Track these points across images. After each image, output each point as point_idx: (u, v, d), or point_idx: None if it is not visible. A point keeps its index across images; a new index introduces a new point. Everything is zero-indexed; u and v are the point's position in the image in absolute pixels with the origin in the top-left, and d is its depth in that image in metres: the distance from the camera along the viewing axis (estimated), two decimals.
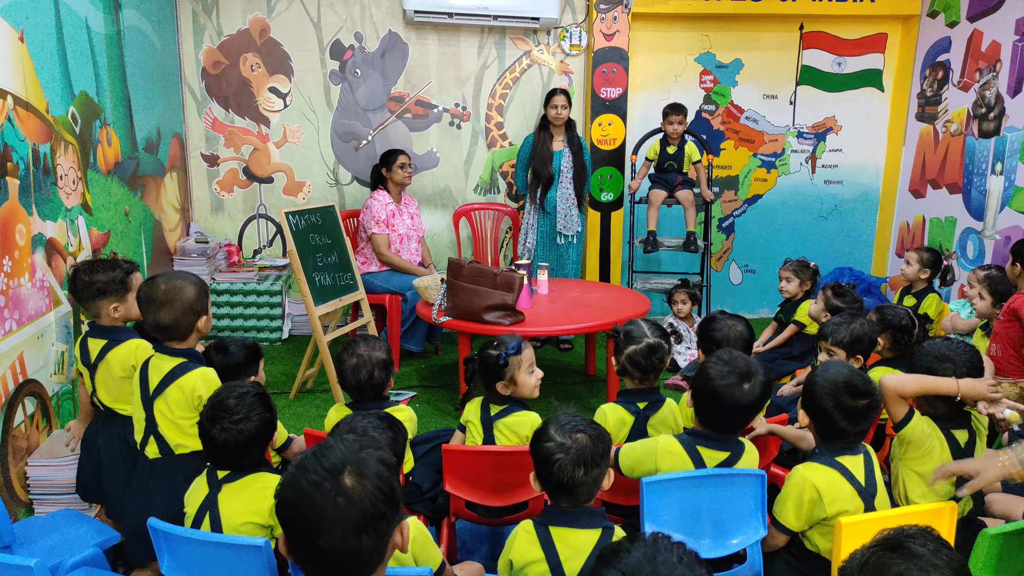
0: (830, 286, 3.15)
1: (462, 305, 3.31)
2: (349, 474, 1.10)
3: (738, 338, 2.45)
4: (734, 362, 1.88)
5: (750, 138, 5.29)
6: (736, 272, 5.50)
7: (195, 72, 4.75)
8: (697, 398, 1.91)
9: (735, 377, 1.84)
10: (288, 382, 3.97)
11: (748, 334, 2.50)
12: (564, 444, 1.57)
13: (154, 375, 2.06)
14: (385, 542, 1.13)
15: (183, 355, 2.08)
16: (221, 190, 4.92)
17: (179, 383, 2.03)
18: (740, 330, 2.47)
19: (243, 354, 2.36)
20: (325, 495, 1.08)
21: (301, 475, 1.11)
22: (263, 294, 4.59)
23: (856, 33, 5.16)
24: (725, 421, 1.87)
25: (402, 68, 4.91)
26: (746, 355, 1.93)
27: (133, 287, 2.37)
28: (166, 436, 2.04)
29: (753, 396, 1.84)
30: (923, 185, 5.01)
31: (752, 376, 1.85)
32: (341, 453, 1.13)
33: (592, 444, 1.58)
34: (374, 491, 1.10)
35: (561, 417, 1.64)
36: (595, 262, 5.10)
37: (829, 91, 5.24)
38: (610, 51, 4.84)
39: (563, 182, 4.50)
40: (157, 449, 2.06)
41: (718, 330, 2.48)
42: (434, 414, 3.62)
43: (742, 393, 1.83)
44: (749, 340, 2.50)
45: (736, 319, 2.51)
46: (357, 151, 4.99)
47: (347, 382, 2.21)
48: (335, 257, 3.78)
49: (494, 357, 2.19)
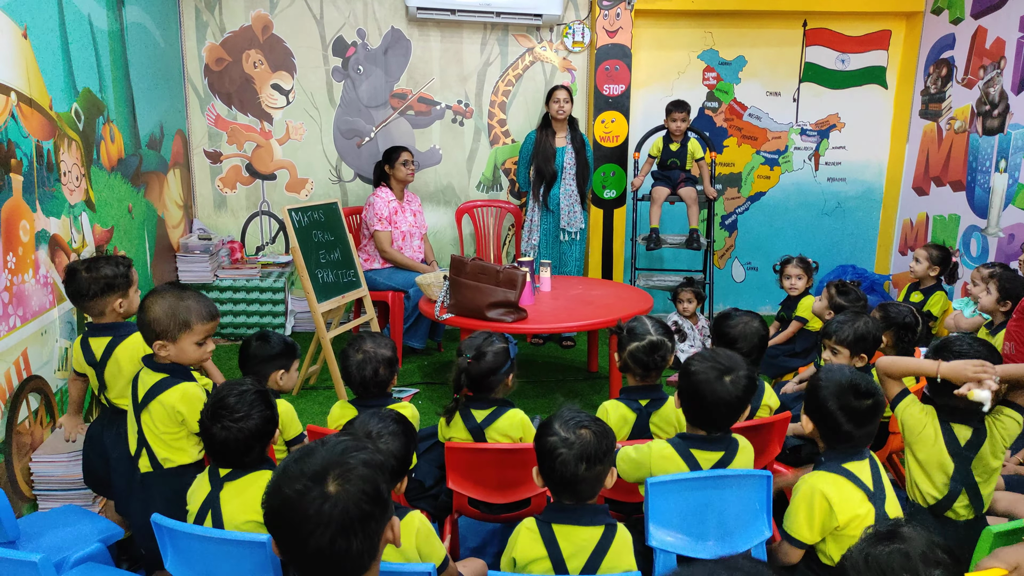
0: (834, 283, 3.14)
1: (465, 302, 3.31)
2: (333, 479, 1.09)
3: (754, 334, 2.44)
4: (715, 358, 1.87)
5: (753, 135, 5.28)
6: (739, 269, 5.50)
7: (198, 69, 4.75)
8: (683, 398, 1.90)
9: (717, 372, 1.83)
10: None
11: (764, 330, 2.50)
12: (568, 439, 1.57)
13: (140, 388, 2.07)
14: (376, 541, 1.13)
15: (167, 370, 2.06)
16: (224, 187, 4.92)
17: (160, 400, 2.03)
18: (756, 326, 2.46)
19: (281, 347, 2.36)
20: (310, 502, 1.07)
21: (284, 483, 1.10)
22: (266, 291, 4.59)
23: (860, 30, 5.14)
24: (713, 418, 1.86)
25: (405, 65, 4.91)
26: (730, 351, 1.92)
27: (134, 280, 2.43)
28: (155, 450, 2.05)
29: (738, 390, 1.82)
30: (927, 183, 5.00)
31: (734, 370, 1.84)
32: (323, 457, 1.12)
33: (596, 440, 1.58)
34: (359, 494, 1.09)
35: (566, 413, 1.64)
36: (598, 259, 5.10)
37: (832, 88, 5.22)
38: (613, 48, 4.83)
39: (566, 179, 4.50)
40: (148, 463, 2.06)
41: (734, 327, 2.47)
42: (435, 409, 3.62)
43: (724, 388, 1.81)
44: (765, 336, 2.49)
45: (751, 316, 2.50)
46: (360, 148, 4.99)
47: (351, 378, 2.21)
48: (338, 254, 3.78)
49: (500, 352, 2.18)
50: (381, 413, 1.79)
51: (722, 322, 2.53)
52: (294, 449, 2.21)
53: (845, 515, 1.71)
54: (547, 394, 3.89)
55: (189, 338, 2.04)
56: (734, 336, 2.45)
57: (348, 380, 2.23)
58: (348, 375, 2.21)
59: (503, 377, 2.21)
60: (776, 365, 3.67)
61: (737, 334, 2.44)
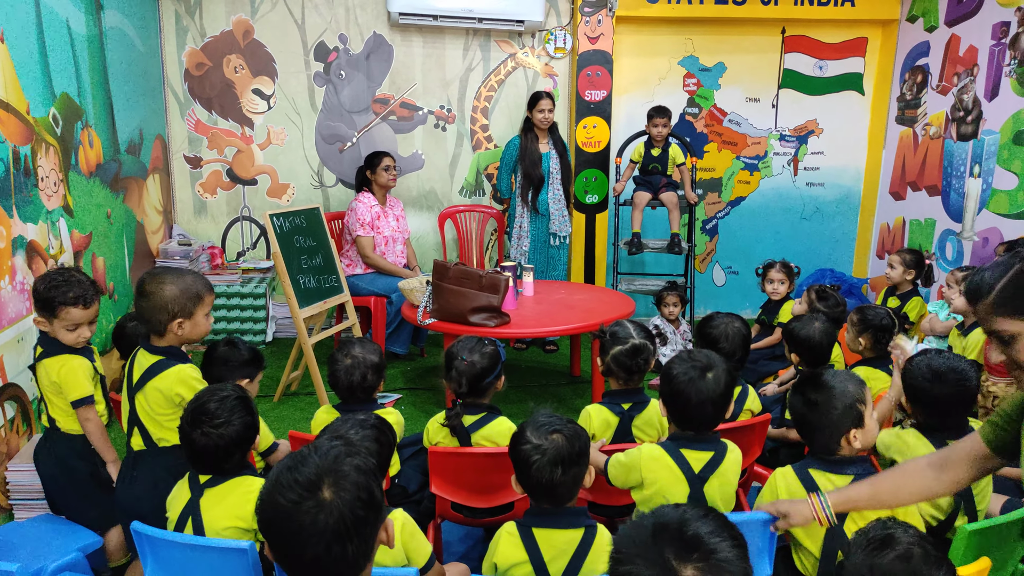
0: (814, 288, 3.18)
1: (448, 307, 3.32)
2: (327, 487, 1.09)
3: (735, 334, 2.48)
4: (693, 357, 1.89)
5: (733, 141, 5.33)
6: (720, 273, 5.54)
7: (178, 74, 4.72)
8: (666, 401, 1.91)
9: (697, 371, 1.84)
10: (272, 385, 3.95)
11: (745, 330, 2.53)
12: (540, 446, 1.58)
13: (136, 370, 2.05)
14: (371, 544, 1.13)
15: (163, 352, 2.04)
16: (204, 192, 4.89)
17: (155, 383, 2.01)
18: (737, 327, 2.50)
19: (248, 355, 2.37)
20: (306, 512, 1.07)
21: (278, 493, 1.09)
22: (247, 296, 4.57)
23: (837, 37, 5.21)
24: (698, 418, 1.86)
25: (387, 70, 4.91)
26: (708, 351, 1.94)
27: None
28: (148, 429, 2.03)
29: (719, 386, 1.83)
30: (903, 187, 5.07)
31: (713, 367, 1.85)
32: (316, 465, 1.11)
33: (568, 444, 1.58)
34: (353, 500, 1.09)
35: (539, 418, 1.64)
36: (580, 264, 5.12)
37: (811, 94, 5.29)
38: (594, 54, 4.86)
39: (553, 183, 4.53)
40: (141, 441, 2.05)
41: (716, 327, 2.51)
42: (420, 416, 3.62)
43: (706, 384, 1.82)
44: (747, 336, 2.53)
45: (733, 317, 2.55)
46: (342, 153, 4.98)
47: (339, 382, 2.20)
48: (320, 259, 3.77)
49: (492, 354, 2.19)
50: (356, 419, 1.79)
51: (705, 324, 2.57)
52: (269, 460, 2.20)
53: None
54: (529, 399, 3.90)
55: (201, 310, 2.06)
56: (716, 336, 2.48)
57: (335, 385, 2.22)
58: (335, 379, 2.21)
59: (494, 381, 2.22)
60: (756, 370, 3.70)
61: (719, 334, 2.48)
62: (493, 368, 2.18)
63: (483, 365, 2.17)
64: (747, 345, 2.50)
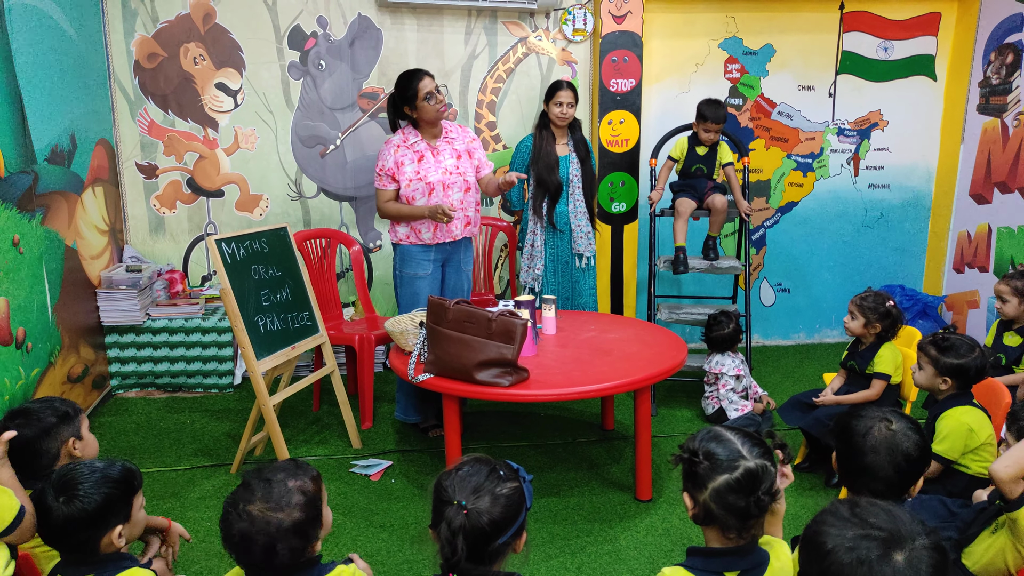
0: (931, 341, 2.36)
1: (447, 359, 2.54)
2: None
3: (897, 451, 1.55)
4: (865, 519, 1.10)
5: (783, 136, 4.58)
6: (768, 292, 4.77)
7: (126, 66, 3.96)
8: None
9: (877, 550, 1.05)
10: (232, 448, 3.19)
11: (923, 444, 1.58)
12: None
13: None
14: None
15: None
16: (161, 206, 4.13)
17: None
18: (910, 438, 1.56)
19: (53, 418, 1.88)
20: None
21: None
22: (209, 331, 3.81)
23: (905, 13, 4.47)
24: None
25: (375, 59, 4.15)
26: (896, 505, 1.14)
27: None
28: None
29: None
30: (988, 189, 4.30)
31: (904, 542, 1.06)
32: None
33: None
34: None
35: None
36: (606, 285, 4.35)
37: (874, 81, 4.55)
38: (620, 36, 4.09)
39: (573, 193, 3.72)
40: None
41: (861, 433, 1.58)
42: (414, 492, 2.86)
43: (894, 572, 1.05)
44: (921, 459, 1.58)
45: (895, 418, 1.58)
46: (323, 158, 4.21)
47: (236, 557, 1.39)
48: (287, 293, 3.00)
49: (511, 496, 1.37)
50: None
51: (847, 428, 1.62)
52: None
53: None
54: (552, 465, 3.12)
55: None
56: (863, 451, 1.56)
57: (233, 556, 1.41)
58: (230, 547, 1.40)
59: (511, 540, 1.37)
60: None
61: (868, 448, 1.57)
62: (512, 520, 1.35)
63: (494, 516, 1.32)
64: (918, 472, 1.57)
